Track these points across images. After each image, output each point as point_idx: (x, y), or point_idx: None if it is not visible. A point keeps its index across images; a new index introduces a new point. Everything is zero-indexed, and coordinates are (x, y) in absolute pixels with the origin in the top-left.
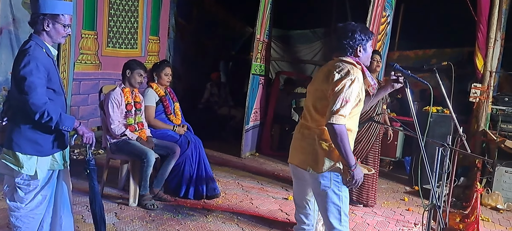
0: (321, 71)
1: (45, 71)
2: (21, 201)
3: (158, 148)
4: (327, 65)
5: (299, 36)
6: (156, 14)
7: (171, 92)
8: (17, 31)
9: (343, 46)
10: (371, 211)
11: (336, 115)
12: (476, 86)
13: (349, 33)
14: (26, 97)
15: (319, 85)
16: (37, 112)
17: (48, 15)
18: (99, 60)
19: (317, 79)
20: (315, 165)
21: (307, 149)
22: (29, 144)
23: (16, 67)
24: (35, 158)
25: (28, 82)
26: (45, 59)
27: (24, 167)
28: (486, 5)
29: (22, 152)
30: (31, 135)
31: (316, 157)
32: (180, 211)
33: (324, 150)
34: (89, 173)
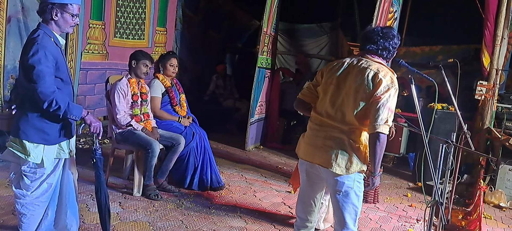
0: (356, 69)
1: (53, 60)
2: (27, 189)
3: (163, 138)
4: (365, 64)
5: (305, 30)
6: (163, 5)
7: (177, 84)
8: (26, 19)
9: (383, 48)
10: (374, 206)
11: (384, 125)
12: (482, 84)
13: (395, 39)
14: (35, 86)
15: (359, 86)
16: (45, 101)
17: (56, 4)
18: (106, 50)
19: (353, 77)
20: (342, 166)
21: (334, 148)
22: (36, 133)
23: (25, 56)
24: (41, 146)
25: (36, 71)
26: (53, 48)
27: (31, 155)
28: (494, 3)
29: (29, 140)
30: (38, 123)
31: (344, 157)
32: (184, 202)
33: (354, 152)
34: (95, 162)
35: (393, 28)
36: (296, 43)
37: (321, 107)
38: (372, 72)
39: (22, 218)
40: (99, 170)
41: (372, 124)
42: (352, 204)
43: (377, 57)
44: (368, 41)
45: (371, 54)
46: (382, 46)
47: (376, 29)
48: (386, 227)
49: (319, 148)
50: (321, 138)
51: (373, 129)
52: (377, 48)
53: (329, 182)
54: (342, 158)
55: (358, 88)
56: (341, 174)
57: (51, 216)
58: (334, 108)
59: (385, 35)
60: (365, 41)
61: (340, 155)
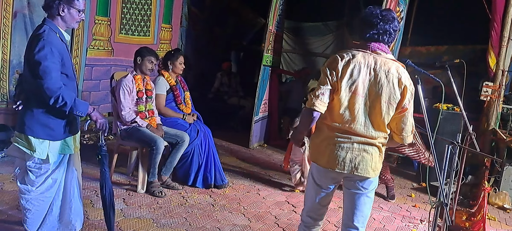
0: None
1: (59, 56)
2: (32, 184)
3: (167, 136)
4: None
5: (311, 28)
6: (169, 2)
7: (182, 81)
8: (32, 15)
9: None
10: (378, 206)
11: (411, 135)
12: (488, 84)
13: (395, 21)
14: (41, 82)
15: (387, 95)
16: (51, 97)
17: (64, 0)
18: (112, 46)
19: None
20: (376, 169)
21: (368, 156)
22: (41, 128)
23: (30, 51)
24: (47, 142)
25: (42, 67)
26: (59, 44)
27: (36, 150)
28: (501, 4)
29: (34, 135)
30: (44, 119)
31: (376, 162)
32: (188, 199)
33: (382, 154)
34: (100, 159)
35: (392, 10)
36: (302, 41)
37: (345, 117)
38: (396, 78)
39: (26, 213)
40: (104, 167)
41: (401, 135)
42: (372, 199)
43: (384, 47)
44: (368, 26)
45: (376, 45)
46: (383, 29)
47: (375, 11)
48: (390, 227)
49: (351, 157)
50: (351, 148)
51: (402, 140)
52: (377, 33)
53: (355, 182)
54: (375, 163)
55: (387, 98)
56: (373, 176)
57: (55, 212)
58: (364, 119)
59: (385, 18)
60: (365, 27)
61: (373, 161)
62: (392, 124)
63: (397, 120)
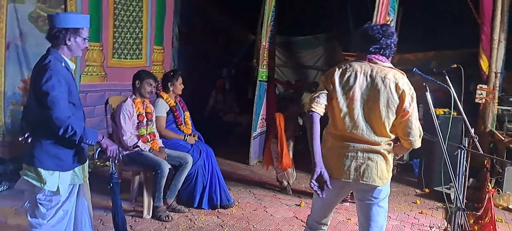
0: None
1: (66, 85)
2: (43, 217)
3: (170, 158)
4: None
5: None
6: (160, 24)
7: (181, 102)
8: (24, 45)
9: (386, 46)
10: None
11: (419, 139)
12: (482, 87)
13: (394, 35)
14: (50, 113)
15: (386, 100)
16: (61, 127)
17: (70, 29)
18: (105, 71)
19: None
20: (383, 177)
21: (374, 164)
22: (51, 159)
23: (37, 82)
24: (57, 173)
25: (51, 97)
26: (65, 73)
27: (46, 183)
28: (489, 8)
29: (44, 167)
30: (53, 150)
31: (383, 169)
32: (195, 221)
33: (389, 161)
34: (112, 187)
35: (390, 25)
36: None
37: (347, 125)
38: (393, 83)
39: None
40: (116, 195)
41: (408, 139)
42: (385, 208)
43: (382, 58)
44: (370, 41)
45: (375, 56)
46: (386, 44)
47: (376, 27)
48: None
49: (356, 166)
50: (356, 156)
51: (410, 144)
52: (380, 47)
53: (364, 191)
54: (381, 170)
55: (385, 102)
56: (381, 185)
57: None
58: (364, 124)
59: (386, 33)
60: (367, 41)
61: (379, 167)
62: (398, 129)
63: (402, 125)
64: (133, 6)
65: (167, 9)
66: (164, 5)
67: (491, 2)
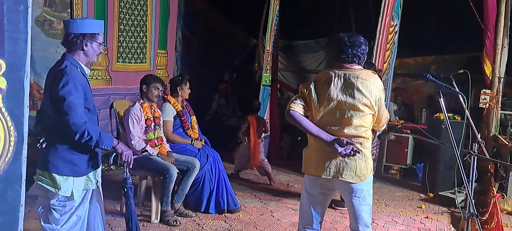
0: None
1: (82, 90)
2: (56, 223)
3: (178, 162)
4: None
5: (302, 46)
6: (163, 28)
7: (188, 106)
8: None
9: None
10: (392, 219)
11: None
12: (485, 92)
13: (362, 45)
14: (66, 118)
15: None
16: (77, 132)
17: (87, 35)
18: (110, 75)
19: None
20: (360, 174)
21: (351, 161)
22: (65, 165)
23: (54, 88)
24: (71, 178)
25: (67, 102)
26: (81, 78)
27: (61, 188)
28: (493, 13)
29: (58, 173)
30: (68, 155)
31: (361, 166)
32: (203, 226)
33: (368, 158)
34: (126, 192)
35: (359, 36)
36: (294, 59)
37: (326, 123)
38: (366, 81)
39: None
40: (130, 200)
41: (378, 127)
42: (368, 204)
43: (353, 64)
44: (338, 52)
45: (346, 63)
46: (352, 54)
47: (344, 39)
48: None
49: (336, 163)
50: (334, 154)
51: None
52: (346, 57)
53: (345, 190)
54: (359, 168)
55: (360, 99)
56: (360, 182)
57: None
58: (341, 122)
59: (353, 44)
60: (337, 52)
61: (357, 166)
62: (369, 119)
63: (375, 116)
64: (138, 10)
65: (171, 13)
66: (168, 9)
67: (495, 8)
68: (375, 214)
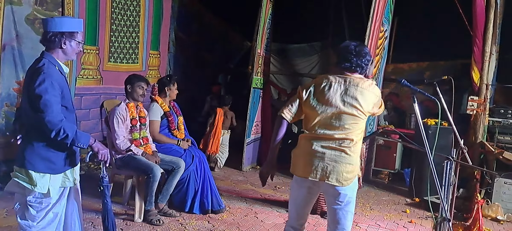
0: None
1: (59, 88)
2: (32, 219)
3: (163, 162)
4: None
5: (296, 50)
6: (156, 29)
7: (175, 106)
8: (20, 47)
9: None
10: (375, 223)
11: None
12: (473, 99)
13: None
14: (42, 116)
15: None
16: (53, 130)
17: (66, 33)
18: (101, 75)
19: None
20: (347, 178)
21: (338, 165)
22: (42, 162)
23: (31, 85)
24: (48, 175)
25: (43, 100)
26: (59, 76)
27: (37, 185)
28: (482, 20)
29: (35, 170)
30: (44, 153)
31: (348, 171)
32: (186, 226)
33: (354, 163)
34: (102, 190)
35: (365, 46)
36: (288, 62)
37: (318, 127)
38: (363, 89)
39: None
40: (106, 198)
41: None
42: (350, 211)
43: (354, 73)
44: (343, 59)
45: (348, 71)
46: (356, 64)
47: (350, 47)
48: None
49: (323, 166)
50: (323, 156)
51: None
52: (350, 65)
53: (329, 193)
54: (346, 172)
55: (353, 105)
56: (345, 186)
57: None
58: (334, 127)
59: (358, 54)
60: (340, 58)
61: (344, 170)
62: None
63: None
64: (130, 10)
65: (164, 14)
66: (161, 10)
67: (484, 15)
68: (359, 217)
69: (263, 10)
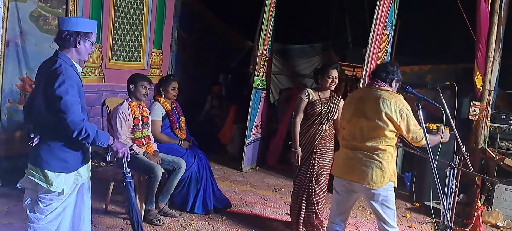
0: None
1: (77, 88)
2: (41, 213)
3: (164, 162)
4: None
5: (298, 50)
6: (159, 27)
7: (177, 107)
8: (24, 44)
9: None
10: (375, 227)
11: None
12: (475, 104)
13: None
14: (64, 116)
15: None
16: (75, 130)
17: (81, 33)
18: (103, 72)
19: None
20: (377, 181)
21: (369, 168)
22: (58, 162)
23: (50, 87)
24: (63, 175)
25: (64, 101)
26: (75, 76)
27: (53, 184)
28: (485, 26)
29: (51, 170)
30: (60, 152)
31: (378, 174)
32: (186, 226)
33: (385, 167)
34: (125, 185)
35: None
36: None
37: (350, 134)
38: (381, 99)
39: None
40: (130, 193)
41: (411, 136)
42: (388, 207)
43: (381, 83)
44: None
45: (378, 82)
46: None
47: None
48: None
49: (356, 169)
50: (356, 160)
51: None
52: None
53: (366, 194)
54: (376, 175)
55: (378, 115)
56: (376, 188)
57: None
58: (364, 135)
59: (390, 72)
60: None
61: (374, 173)
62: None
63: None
64: (133, 9)
65: (167, 13)
66: (165, 9)
67: (488, 21)
68: (359, 221)
69: (266, 11)
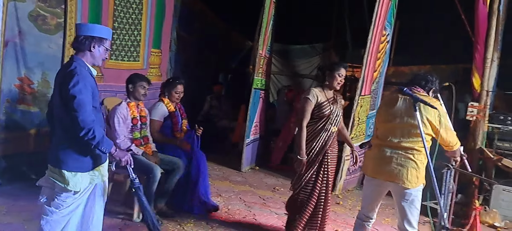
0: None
1: (91, 90)
2: (56, 207)
3: (162, 162)
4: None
5: (298, 50)
6: (158, 27)
7: (181, 109)
8: (23, 43)
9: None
10: (373, 228)
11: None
12: (473, 105)
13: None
14: (76, 115)
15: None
16: (84, 128)
17: (96, 38)
18: (102, 72)
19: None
20: (412, 181)
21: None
22: (74, 161)
23: (65, 86)
24: (79, 174)
25: (77, 100)
26: (89, 78)
27: (70, 184)
28: (484, 27)
29: (68, 169)
30: (77, 152)
31: (413, 174)
32: (184, 226)
33: (419, 169)
34: (135, 191)
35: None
36: (289, 63)
37: (387, 135)
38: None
39: None
40: (141, 197)
41: (450, 145)
42: (415, 208)
43: (420, 89)
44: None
45: (417, 88)
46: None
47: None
48: None
49: (391, 167)
50: (391, 159)
51: (449, 148)
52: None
53: (396, 192)
54: (411, 175)
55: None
56: (410, 187)
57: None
58: (401, 135)
59: (430, 81)
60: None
61: (409, 172)
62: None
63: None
64: (133, 8)
65: (167, 12)
66: (164, 9)
67: (486, 22)
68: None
69: (266, 11)
